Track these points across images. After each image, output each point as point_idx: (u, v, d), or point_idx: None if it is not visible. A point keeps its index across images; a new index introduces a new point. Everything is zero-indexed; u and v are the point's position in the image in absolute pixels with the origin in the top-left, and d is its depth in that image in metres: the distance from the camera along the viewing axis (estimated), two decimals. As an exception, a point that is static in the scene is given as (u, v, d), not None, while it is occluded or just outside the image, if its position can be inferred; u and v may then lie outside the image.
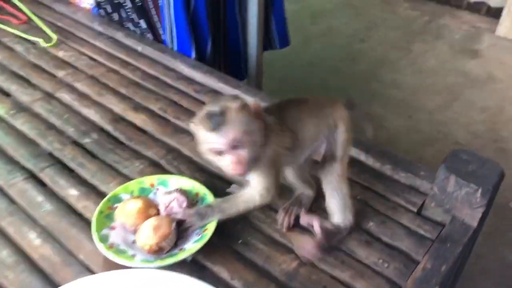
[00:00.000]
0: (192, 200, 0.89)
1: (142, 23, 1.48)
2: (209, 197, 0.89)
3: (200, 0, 1.36)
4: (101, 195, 0.93)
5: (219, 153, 0.76)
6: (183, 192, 0.87)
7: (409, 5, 3.43)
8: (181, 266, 0.79)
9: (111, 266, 0.77)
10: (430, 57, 2.88)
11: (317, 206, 0.93)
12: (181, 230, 0.85)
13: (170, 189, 0.90)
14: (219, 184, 0.97)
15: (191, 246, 0.81)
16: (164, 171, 1.01)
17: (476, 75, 2.73)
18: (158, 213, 0.86)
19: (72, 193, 0.95)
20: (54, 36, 1.46)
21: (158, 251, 0.79)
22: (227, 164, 0.76)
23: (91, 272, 0.79)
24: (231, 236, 0.87)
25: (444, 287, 0.80)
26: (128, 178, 0.97)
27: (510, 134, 2.33)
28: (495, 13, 3.11)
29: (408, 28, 3.18)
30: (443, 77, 2.72)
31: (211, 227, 0.83)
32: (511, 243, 1.84)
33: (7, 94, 1.24)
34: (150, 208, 0.86)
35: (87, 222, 0.87)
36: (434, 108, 2.51)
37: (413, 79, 2.71)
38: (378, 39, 3.07)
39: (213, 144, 0.75)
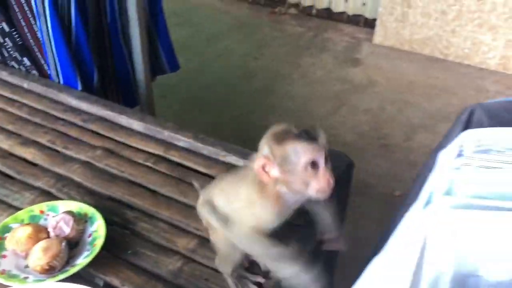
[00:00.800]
0: (80, 219, 0.95)
1: (26, 61, 1.51)
2: (97, 216, 0.96)
3: (80, 33, 1.43)
4: (-9, 228, 0.96)
5: (315, 166, 0.75)
6: (69, 212, 0.94)
7: (296, 22, 3.69)
8: (75, 281, 0.85)
9: (4, 291, 0.82)
10: (317, 68, 3.13)
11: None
12: (72, 248, 0.92)
13: (60, 213, 0.96)
14: (108, 204, 1.04)
15: (82, 261, 0.88)
16: (55, 198, 1.06)
17: (358, 81, 3.00)
18: (48, 236, 0.92)
19: (-39, 230, 0.97)
20: None
21: (49, 270, 0.85)
22: (321, 181, 0.76)
23: (-16, 300, 0.83)
24: (121, 248, 0.95)
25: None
26: (19, 209, 1.02)
27: (391, 131, 2.60)
28: (371, 24, 3.44)
29: (296, 43, 3.42)
30: (330, 85, 2.96)
31: (99, 242, 0.90)
32: (399, 227, 2.06)
33: None
34: (40, 233, 0.91)
35: (-22, 255, 0.90)
36: (324, 114, 2.73)
37: (304, 90, 2.92)
38: (270, 56, 3.27)
39: (313, 154, 0.75)
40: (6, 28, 1.48)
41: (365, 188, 2.29)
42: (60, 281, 0.83)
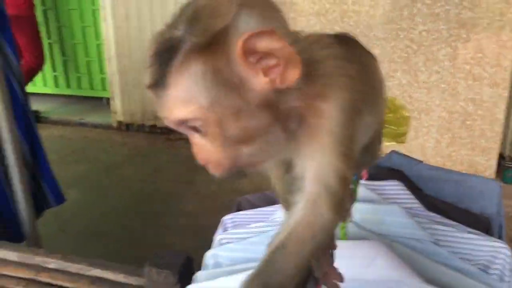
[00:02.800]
0: None
1: None
2: None
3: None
4: None
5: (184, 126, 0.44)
6: None
7: (190, 145, 4.06)
8: None
9: None
10: (210, 184, 3.43)
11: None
12: None
13: None
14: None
15: None
16: None
17: (249, 188, 3.33)
18: None
19: None
20: None
21: None
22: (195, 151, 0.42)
23: None
24: None
25: None
26: None
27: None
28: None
29: (190, 163, 3.69)
30: (222, 198, 3.25)
31: None
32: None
33: None
34: None
35: None
36: (217, 225, 2.97)
37: (197, 205, 3.18)
38: (166, 177, 3.55)
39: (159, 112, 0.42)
40: None
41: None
42: None
